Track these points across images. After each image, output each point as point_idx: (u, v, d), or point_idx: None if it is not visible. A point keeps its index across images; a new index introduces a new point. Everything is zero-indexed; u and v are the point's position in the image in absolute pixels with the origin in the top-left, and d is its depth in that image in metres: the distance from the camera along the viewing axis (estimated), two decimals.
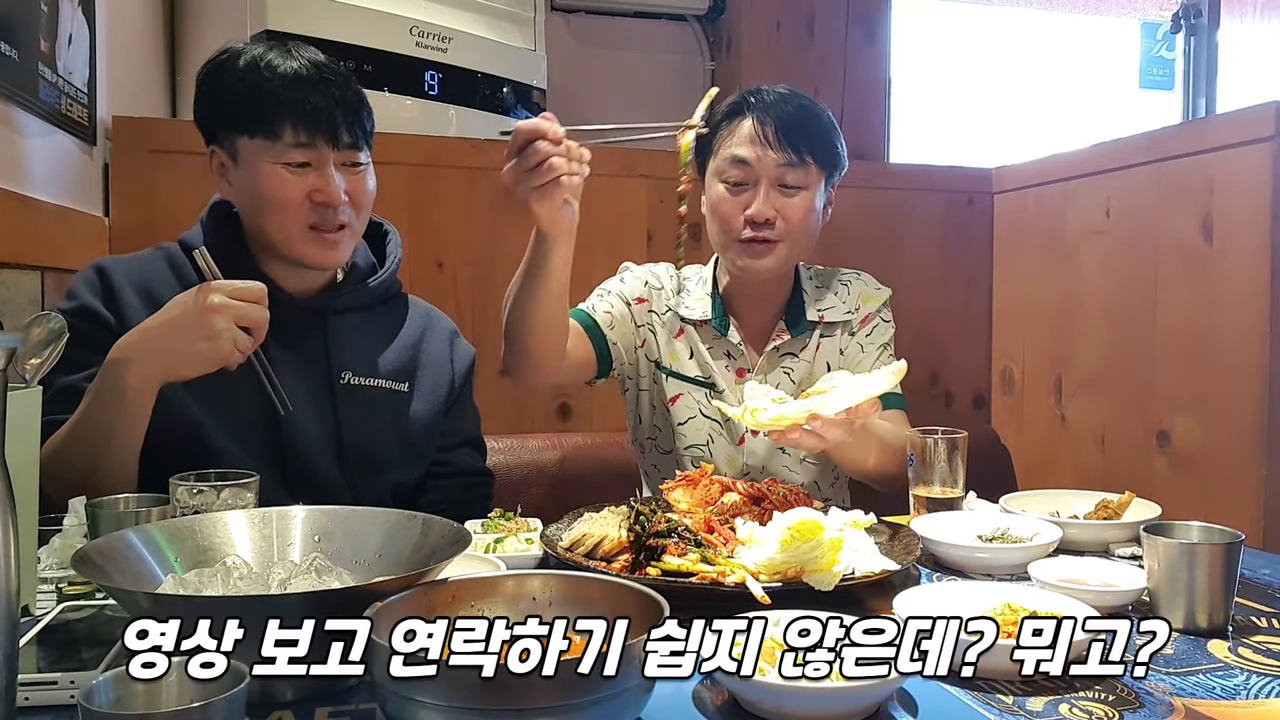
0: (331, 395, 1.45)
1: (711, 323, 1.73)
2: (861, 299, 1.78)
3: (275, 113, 1.33)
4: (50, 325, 1.10)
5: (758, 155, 1.60)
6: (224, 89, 1.36)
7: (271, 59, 1.35)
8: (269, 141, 1.33)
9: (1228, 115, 2.01)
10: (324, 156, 1.35)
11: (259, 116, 1.33)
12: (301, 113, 1.33)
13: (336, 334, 1.47)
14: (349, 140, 1.37)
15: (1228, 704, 0.83)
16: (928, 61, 3.64)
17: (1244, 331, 1.80)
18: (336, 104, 1.35)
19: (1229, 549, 1.01)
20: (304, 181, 1.35)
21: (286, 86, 1.33)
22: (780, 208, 1.61)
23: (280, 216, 1.36)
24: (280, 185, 1.35)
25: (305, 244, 1.38)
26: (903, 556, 1.17)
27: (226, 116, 1.37)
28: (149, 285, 1.39)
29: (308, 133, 1.33)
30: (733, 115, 1.66)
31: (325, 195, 1.35)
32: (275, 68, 1.34)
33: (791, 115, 1.62)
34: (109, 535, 0.93)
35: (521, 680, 0.67)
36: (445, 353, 1.60)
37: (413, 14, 2.29)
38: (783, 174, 1.61)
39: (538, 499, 1.98)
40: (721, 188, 1.64)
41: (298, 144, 1.34)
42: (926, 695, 0.83)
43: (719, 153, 1.66)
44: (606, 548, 1.15)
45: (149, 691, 0.67)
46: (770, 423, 1.31)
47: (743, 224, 1.62)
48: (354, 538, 0.99)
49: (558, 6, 3.02)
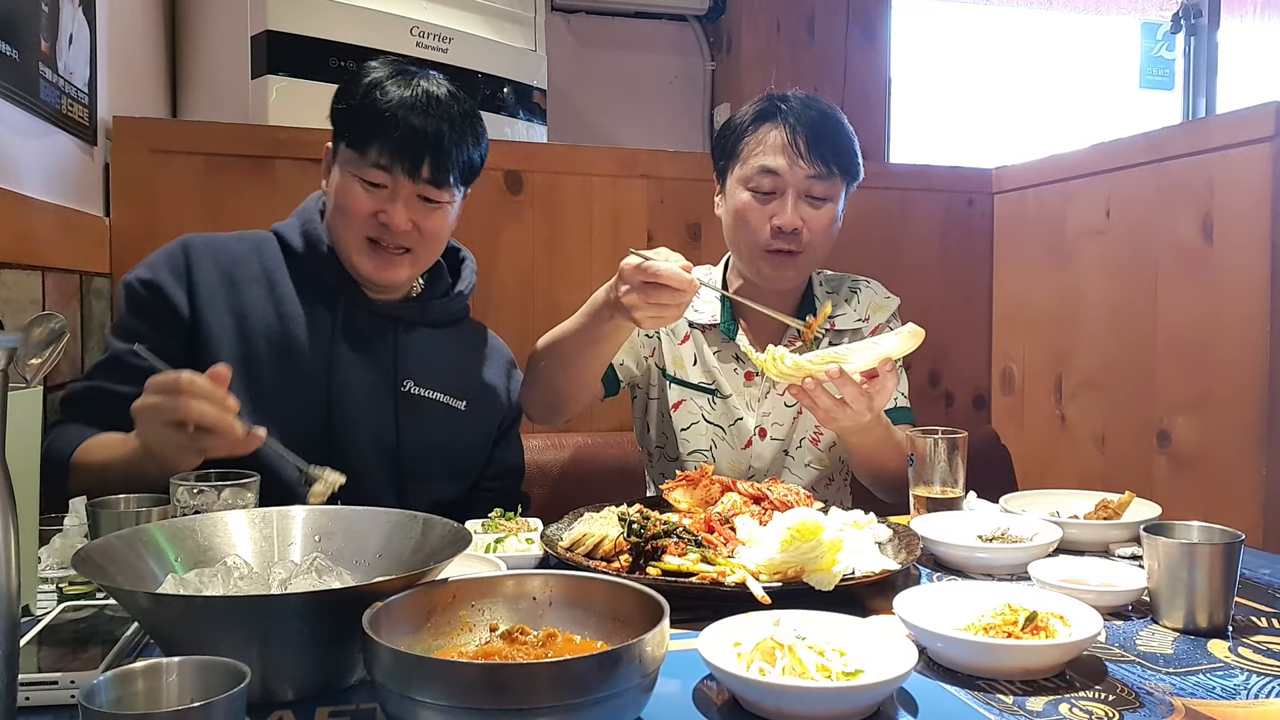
0: (394, 401, 1.49)
1: (720, 326, 1.73)
2: (872, 308, 1.79)
3: (367, 130, 1.38)
4: (50, 325, 1.10)
5: (788, 166, 1.60)
6: (347, 95, 1.43)
7: (390, 84, 1.40)
8: (357, 155, 1.40)
9: (1228, 115, 2.01)
10: (399, 184, 1.40)
11: (355, 129, 1.40)
12: (389, 137, 1.37)
13: (405, 344, 1.52)
14: (428, 176, 1.40)
15: (1228, 704, 0.83)
16: (928, 61, 3.64)
17: (1244, 331, 1.80)
18: (427, 137, 1.38)
19: (1229, 549, 1.01)
20: (375, 200, 1.41)
21: (389, 108, 1.38)
22: (806, 218, 1.61)
23: (343, 223, 1.43)
24: (352, 196, 1.41)
25: (361, 255, 1.43)
26: (903, 557, 1.17)
27: (339, 120, 1.44)
28: (232, 268, 1.45)
29: (389, 157, 1.38)
30: (760, 120, 1.65)
31: (388, 218, 1.40)
32: (388, 90, 1.39)
33: (821, 126, 1.61)
34: (109, 535, 0.93)
35: (521, 680, 0.67)
36: (503, 380, 1.65)
37: (413, 14, 2.29)
38: (811, 185, 1.61)
39: (538, 499, 1.97)
40: (747, 195, 1.63)
41: (377, 165, 1.39)
42: (926, 695, 0.83)
43: (746, 160, 1.64)
44: (606, 548, 1.15)
45: (149, 691, 0.67)
46: (792, 369, 1.34)
47: (769, 233, 1.62)
48: (354, 538, 0.99)
49: (558, 6, 3.02)
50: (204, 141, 2.01)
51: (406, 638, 0.80)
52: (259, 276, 1.46)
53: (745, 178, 1.64)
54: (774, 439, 1.72)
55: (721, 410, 1.72)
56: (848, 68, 2.90)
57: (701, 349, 1.73)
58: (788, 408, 1.73)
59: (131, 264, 1.94)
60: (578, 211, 2.27)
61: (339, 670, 0.82)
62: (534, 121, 2.55)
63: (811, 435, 1.74)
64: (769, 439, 1.72)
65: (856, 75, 2.91)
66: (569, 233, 2.27)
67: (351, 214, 1.41)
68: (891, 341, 1.36)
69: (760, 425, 1.72)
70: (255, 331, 1.42)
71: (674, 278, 1.31)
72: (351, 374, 1.46)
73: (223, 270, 1.44)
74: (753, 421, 1.72)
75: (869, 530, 1.20)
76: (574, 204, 2.27)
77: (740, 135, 1.65)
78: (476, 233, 2.21)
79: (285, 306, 1.45)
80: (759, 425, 1.72)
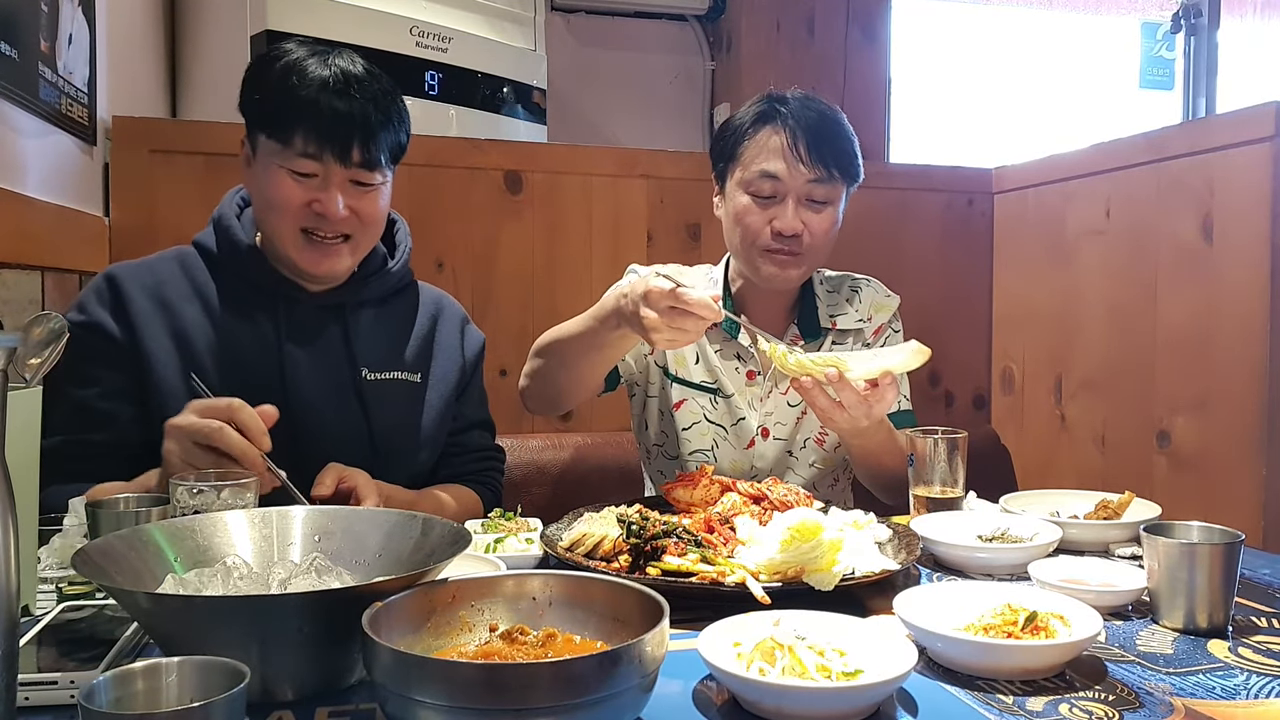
0: (356, 391, 1.46)
1: (722, 325, 1.72)
2: (874, 308, 1.79)
3: (290, 118, 1.32)
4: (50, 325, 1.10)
5: (788, 170, 1.59)
6: (259, 84, 1.36)
7: (307, 64, 1.34)
8: (281, 145, 1.33)
9: (1228, 115, 2.01)
10: (330, 170, 1.34)
11: (276, 119, 1.33)
12: (315, 124, 1.32)
13: (354, 330, 1.48)
14: (360, 159, 1.34)
15: (1228, 704, 0.83)
16: (928, 61, 3.64)
17: (1244, 331, 1.80)
18: (354, 120, 1.33)
19: (1229, 549, 1.01)
20: (306, 190, 1.35)
21: (308, 94, 1.31)
22: (807, 222, 1.60)
23: (277, 219, 1.37)
24: (282, 189, 1.34)
25: (299, 250, 1.38)
26: (903, 557, 1.17)
27: (253, 112, 1.37)
28: (161, 290, 1.40)
29: (317, 144, 1.32)
30: (760, 123, 1.63)
31: (323, 207, 1.35)
32: (305, 73, 1.33)
33: (820, 129, 1.60)
34: (109, 535, 0.93)
35: (521, 680, 0.67)
36: (456, 340, 1.61)
37: (413, 14, 2.30)
38: (812, 189, 1.60)
39: (538, 499, 1.98)
40: (747, 199, 1.62)
41: (305, 154, 1.33)
42: (926, 695, 0.83)
43: (747, 164, 1.63)
44: (606, 548, 1.15)
45: (149, 691, 0.67)
46: (795, 366, 1.35)
47: (769, 235, 1.61)
48: (354, 537, 0.99)
49: (558, 6, 3.02)
50: (204, 141, 2.01)
51: (406, 638, 0.80)
52: (190, 294, 1.40)
53: (745, 181, 1.63)
54: (777, 439, 1.72)
55: (724, 410, 1.72)
56: (848, 68, 2.90)
57: (704, 347, 1.73)
58: (791, 407, 1.73)
59: None
60: (578, 211, 2.27)
61: (339, 670, 0.82)
62: (534, 121, 2.56)
63: (816, 436, 1.73)
64: (772, 439, 1.72)
65: (856, 75, 2.91)
66: (569, 233, 2.27)
67: (283, 208, 1.34)
68: (895, 357, 1.37)
69: (763, 425, 1.72)
70: (197, 349, 1.37)
71: (705, 308, 1.29)
72: (306, 373, 1.42)
73: (152, 294, 1.39)
74: (755, 421, 1.72)
75: (869, 530, 1.20)
76: (574, 204, 2.27)
77: (740, 138, 1.65)
78: (476, 233, 2.21)
79: (222, 319, 1.40)
80: (761, 425, 1.72)
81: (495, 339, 1.72)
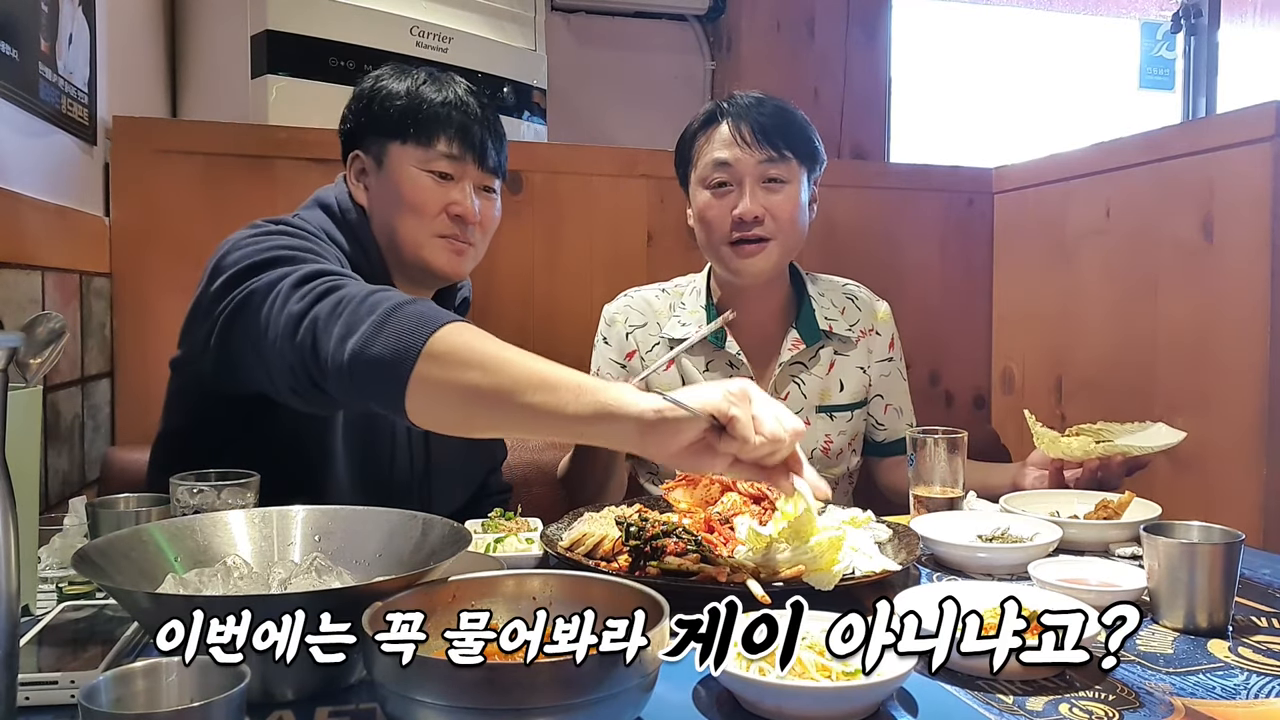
0: None
1: (708, 337, 1.71)
2: (878, 317, 1.80)
3: (433, 123, 1.40)
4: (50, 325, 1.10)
5: (738, 156, 1.61)
6: (386, 97, 1.42)
7: (427, 85, 1.43)
8: (422, 148, 1.40)
9: (1228, 115, 2.01)
10: (467, 172, 1.42)
11: (417, 124, 1.40)
12: (456, 128, 1.41)
13: None
14: (492, 164, 1.44)
15: (1228, 704, 0.83)
16: (928, 61, 3.64)
17: (1244, 331, 1.80)
18: (487, 129, 1.43)
19: (1229, 549, 1.01)
20: (444, 192, 1.41)
21: (445, 104, 1.41)
22: (767, 205, 1.61)
23: (415, 221, 1.41)
24: (422, 191, 1.40)
25: (434, 250, 1.42)
26: (903, 556, 1.17)
27: (382, 122, 1.41)
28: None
29: (460, 146, 1.40)
30: (708, 123, 1.67)
31: (462, 208, 1.41)
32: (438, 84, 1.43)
33: (766, 115, 1.63)
34: (109, 535, 0.93)
35: (521, 680, 0.67)
36: None
37: (413, 14, 2.29)
38: (765, 170, 1.62)
39: (538, 499, 1.97)
40: (707, 194, 1.65)
41: (448, 155, 1.40)
42: (926, 695, 0.83)
43: (699, 161, 1.67)
44: (606, 547, 1.15)
45: (149, 691, 0.67)
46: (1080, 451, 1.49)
47: (731, 225, 1.62)
48: (354, 537, 0.99)
49: (558, 6, 3.02)
50: (204, 141, 2.01)
51: None
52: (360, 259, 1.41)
53: (702, 178, 1.66)
54: None
55: None
56: (848, 68, 2.90)
57: (687, 370, 1.72)
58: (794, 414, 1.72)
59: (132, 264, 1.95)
60: (578, 211, 2.27)
61: (339, 670, 0.82)
62: (534, 121, 2.55)
63: (822, 445, 1.73)
64: None
65: (856, 75, 2.91)
66: (569, 233, 2.27)
67: (424, 209, 1.40)
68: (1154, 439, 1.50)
69: None
70: None
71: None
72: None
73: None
74: None
75: (868, 530, 1.20)
76: (574, 204, 2.27)
77: (691, 140, 1.69)
78: None
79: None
80: None
81: None
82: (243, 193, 2.00)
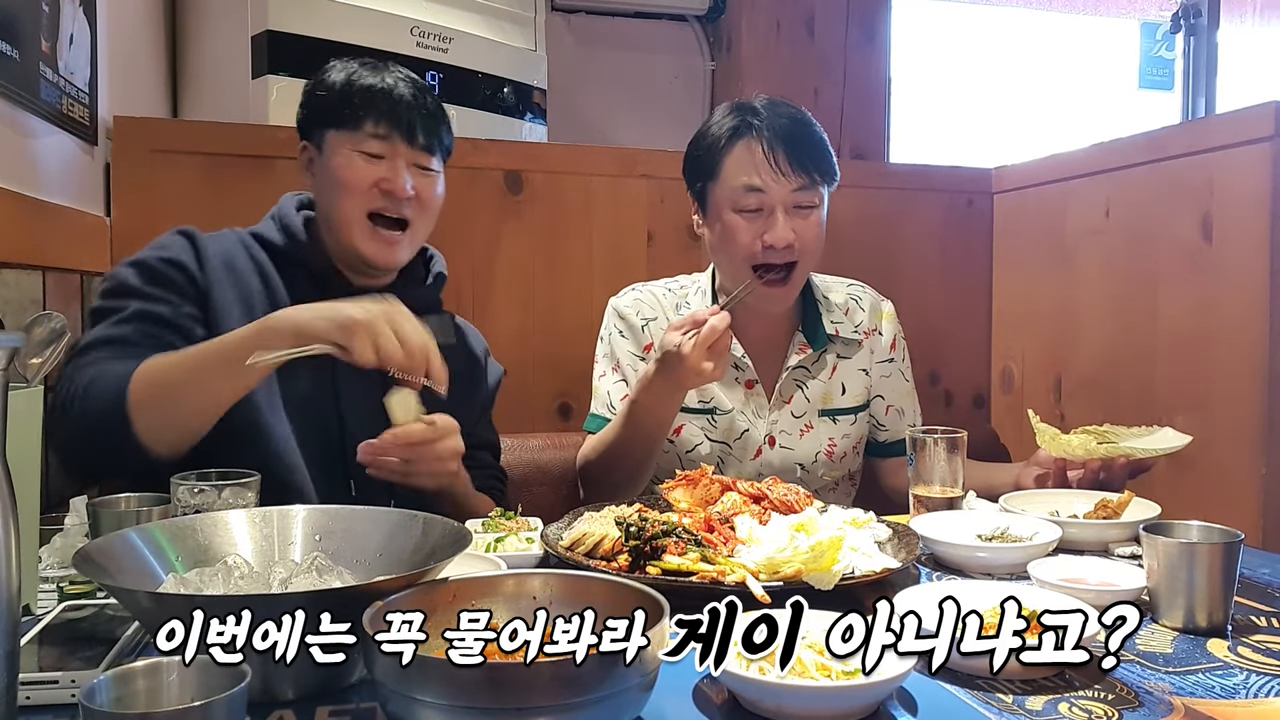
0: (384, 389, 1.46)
1: None
2: (884, 318, 1.80)
3: (360, 107, 1.45)
4: (51, 325, 1.10)
5: (770, 183, 1.59)
6: (324, 88, 1.49)
7: (364, 71, 1.49)
8: (351, 131, 1.45)
9: (1227, 115, 2.01)
10: (397, 150, 1.46)
11: (346, 110, 1.45)
12: (382, 109, 1.45)
13: None
14: (423, 142, 1.48)
15: (1227, 703, 0.83)
16: (928, 61, 3.64)
17: (1244, 331, 1.80)
18: (416, 108, 1.47)
19: (1229, 548, 1.01)
20: (375, 170, 1.45)
21: (377, 83, 1.47)
22: (796, 230, 1.60)
23: (347, 200, 1.45)
24: (352, 169, 1.45)
25: (364, 237, 1.47)
26: (903, 556, 1.17)
27: (320, 112, 1.48)
28: (229, 257, 1.48)
29: (386, 125, 1.45)
30: (734, 138, 1.62)
31: (391, 185, 1.45)
32: (371, 72, 1.48)
33: (795, 135, 1.60)
34: (110, 534, 0.93)
35: (521, 680, 0.67)
36: (480, 365, 1.67)
37: (413, 14, 2.29)
38: (798, 198, 1.60)
39: (538, 498, 1.97)
40: (735, 216, 1.61)
41: (375, 135, 1.45)
42: (926, 695, 0.84)
43: (726, 179, 1.62)
44: (606, 547, 1.15)
45: (149, 691, 0.67)
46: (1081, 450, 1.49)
47: (761, 249, 1.60)
48: (355, 537, 0.99)
49: (558, 6, 3.02)
50: (204, 141, 2.01)
51: None
52: (252, 270, 1.48)
53: (731, 199, 1.62)
54: (784, 448, 1.71)
55: (724, 427, 1.71)
56: (848, 68, 2.90)
57: None
58: (796, 418, 1.72)
59: None
60: (578, 211, 2.27)
61: (339, 670, 0.82)
62: (534, 121, 2.56)
63: (825, 448, 1.73)
64: (779, 447, 1.71)
65: (856, 75, 2.91)
66: (569, 233, 2.27)
67: (354, 187, 1.45)
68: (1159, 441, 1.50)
69: (769, 434, 1.71)
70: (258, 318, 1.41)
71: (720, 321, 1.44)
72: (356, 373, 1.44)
73: (223, 258, 1.47)
74: (760, 431, 1.71)
75: (869, 529, 1.20)
76: (574, 204, 2.27)
77: (716, 153, 1.63)
78: (477, 233, 2.21)
79: (281, 298, 1.46)
80: (768, 434, 1.71)
81: (495, 339, 1.73)
82: (243, 193, 2.00)
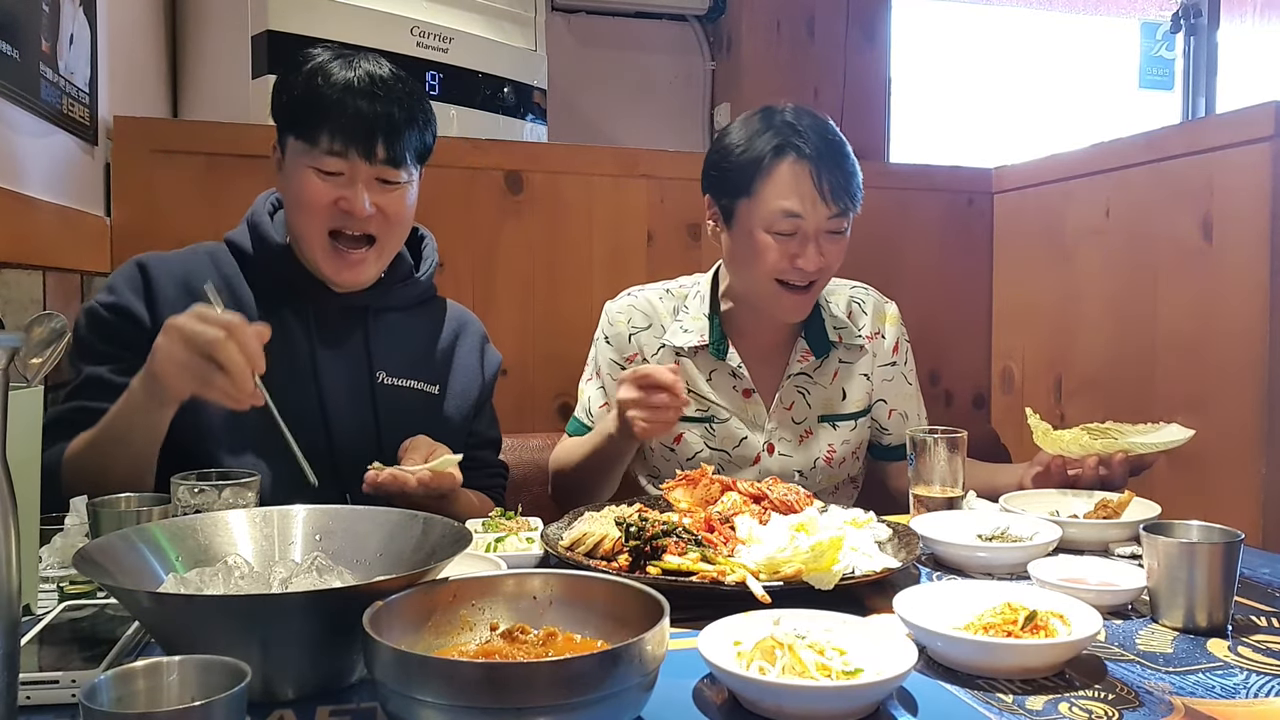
0: (371, 395, 1.47)
1: (709, 348, 1.71)
2: (888, 320, 1.79)
3: (316, 118, 1.35)
4: (52, 325, 1.10)
5: (810, 211, 1.57)
6: (286, 88, 1.39)
7: (332, 67, 1.37)
8: (308, 145, 1.36)
9: (1227, 115, 2.01)
10: (355, 168, 1.36)
11: (303, 120, 1.36)
12: (340, 122, 1.34)
13: (375, 334, 1.49)
14: (384, 156, 1.36)
15: (1227, 703, 0.83)
16: (928, 61, 3.64)
17: (1244, 331, 1.80)
18: (378, 118, 1.35)
19: (1229, 548, 1.01)
20: (332, 189, 1.37)
21: (334, 94, 1.34)
22: (825, 253, 1.60)
23: (305, 219, 1.38)
24: (309, 188, 1.36)
25: (325, 258, 1.40)
26: (903, 556, 1.17)
27: (282, 115, 1.40)
28: (190, 281, 1.40)
29: (342, 142, 1.35)
30: (778, 156, 1.57)
31: (349, 205, 1.36)
32: (331, 75, 1.36)
33: (838, 163, 1.58)
34: (110, 534, 0.93)
35: (522, 679, 0.67)
36: (476, 359, 1.63)
37: (413, 14, 2.30)
38: (832, 224, 1.60)
39: (538, 498, 1.97)
40: (769, 238, 1.59)
41: (331, 151, 1.35)
42: (926, 695, 0.84)
43: (762, 200, 1.58)
44: (607, 547, 1.15)
45: (150, 691, 0.67)
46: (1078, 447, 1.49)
47: (788, 266, 1.60)
48: (355, 537, 0.99)
49: (558, 6, 3.02)
50: (204, 141, 2.01)
51: (407, 637, 0.80)
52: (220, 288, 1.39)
53: (765, 220, 1.58)
54: (783, 455, 1.71)
55: (722, 435, 1.71)
56: (848, 68, 2.90)
57: (692, 377, 1.71)
58: (796, 424, 1.72)
59: None
60: (578, 211, 2.27)
61: (339, 669, 0.82)
62: (534, 121, 2.56)
63: (825, 454, 1.73)
64: (778, 454, 1.71)
65: (856, 75, 2.91)
66: (569, 233, 2.27)
67: (311, 206, 1.37)
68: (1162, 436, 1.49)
69: (768, 442, 1.71)
70: None
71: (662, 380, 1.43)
72: (334, 373, 1.44)
73: (181, 284, 1.39)
74: (759, 438, 1.71)
75: (869, 529, 1.20)
76: (574, 204, 2.27)
77: (756, 172, 1.58)
78: (477, 233, 2.21)
79: (252, 314, 1.40)
80: (767, 441, 1.71)
81: (496, 339, 1.72)
82: (243, 193, 1.98)
